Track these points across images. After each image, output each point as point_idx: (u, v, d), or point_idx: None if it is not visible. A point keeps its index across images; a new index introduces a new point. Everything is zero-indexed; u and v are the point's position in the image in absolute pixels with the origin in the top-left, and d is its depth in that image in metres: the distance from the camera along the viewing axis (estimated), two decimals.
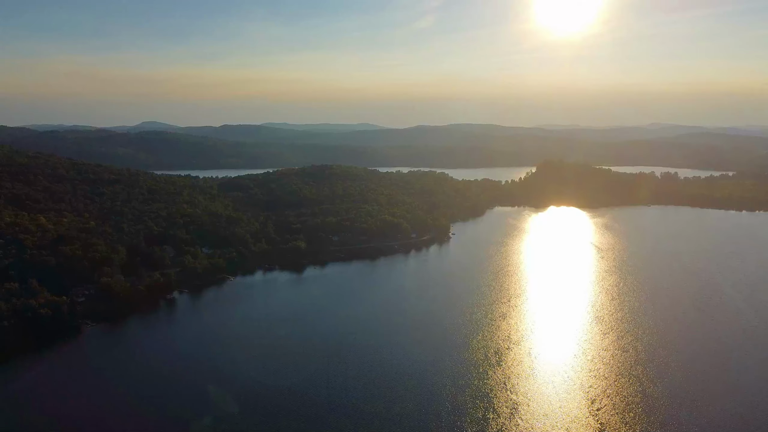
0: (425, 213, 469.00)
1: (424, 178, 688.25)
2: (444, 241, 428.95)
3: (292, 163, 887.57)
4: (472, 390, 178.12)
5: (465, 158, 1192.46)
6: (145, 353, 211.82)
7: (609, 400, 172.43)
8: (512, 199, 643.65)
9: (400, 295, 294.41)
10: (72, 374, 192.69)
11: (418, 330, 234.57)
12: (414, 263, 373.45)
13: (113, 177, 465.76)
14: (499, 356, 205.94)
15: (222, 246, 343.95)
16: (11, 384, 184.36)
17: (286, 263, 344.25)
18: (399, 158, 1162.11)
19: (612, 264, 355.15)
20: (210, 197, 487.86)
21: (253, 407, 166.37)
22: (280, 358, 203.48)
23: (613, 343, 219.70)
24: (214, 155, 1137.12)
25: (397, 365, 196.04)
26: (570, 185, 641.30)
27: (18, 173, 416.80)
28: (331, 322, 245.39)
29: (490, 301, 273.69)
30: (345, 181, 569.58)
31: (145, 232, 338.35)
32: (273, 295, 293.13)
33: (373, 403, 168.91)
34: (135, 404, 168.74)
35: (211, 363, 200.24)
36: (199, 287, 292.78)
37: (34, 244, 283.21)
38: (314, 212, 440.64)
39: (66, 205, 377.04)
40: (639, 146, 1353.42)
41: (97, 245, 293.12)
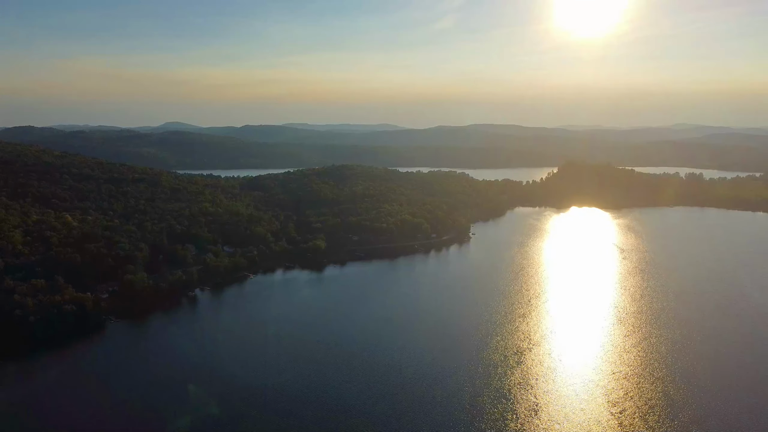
0: (445, 213, 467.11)
1: (444, 178, 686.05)
2: (464, 241, 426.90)
3: (313, 163, 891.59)
4: (491, 390, 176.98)
5: (486, 159, 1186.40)
6: (164, 350, 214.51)
7: (631, 403, 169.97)
8: (533, 199, 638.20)
9: (420, 294, 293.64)
10: (95, 368, 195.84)
11: (437, 330, 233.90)
12: (434, 263, 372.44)
13: (137, 176, 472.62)
14: (518, 357, 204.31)
15: (243, 245, 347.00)
16: (37, 377, 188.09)
17: (306, 262, 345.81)
18: (419, 158, 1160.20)
19: (635, 265, 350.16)
20: (231, 196, 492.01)
21: (269, 408, 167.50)
22: (299, 357, 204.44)
23: (636, 345, 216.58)
24: (235, 155, 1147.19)
25: (415, 365, 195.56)
26: (592, 186, 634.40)
27: (45, 172, 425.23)
28: (349, 321, 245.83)
29: (510, 302, 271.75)
30: (365, 181, 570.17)
31: (168, 231, 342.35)
32: (293, 294, 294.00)
33: (391, 403, 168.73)
34: (151, 397, 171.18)
35: (225, 362, 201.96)
36: (220, 285, 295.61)
37: (60, 241, 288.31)
38: (334, 212, 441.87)
39: (91, 204, 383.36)
40: (663, 147, 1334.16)
41: (121, 243, 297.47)
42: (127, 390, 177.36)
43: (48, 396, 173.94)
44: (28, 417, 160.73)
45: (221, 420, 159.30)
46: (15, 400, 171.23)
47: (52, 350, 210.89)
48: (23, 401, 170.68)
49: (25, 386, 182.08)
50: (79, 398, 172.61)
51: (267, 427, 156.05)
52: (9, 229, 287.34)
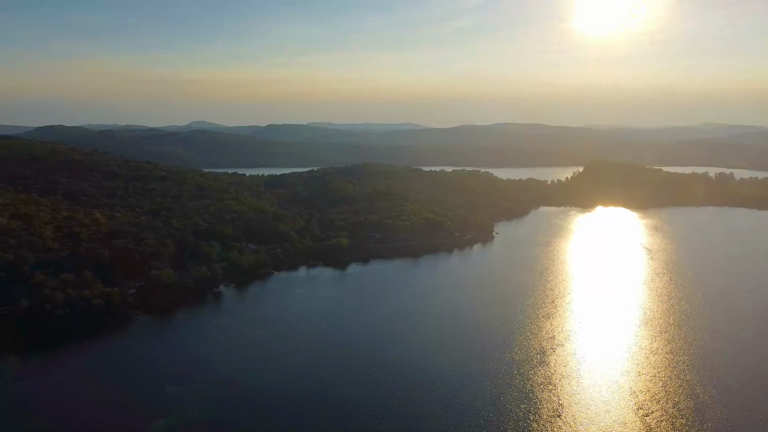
0: (468, 212, 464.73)
1: (467, 177, 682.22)
2: (487, 240, 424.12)
3: (336, 161, 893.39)
4: (514, 390, 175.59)
5: (509, 158, 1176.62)
6: (185, 345, 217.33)
7: (658, 406, 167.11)
8: (558, 199, 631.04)
9: (442, 293, 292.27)
10: (120, 361, 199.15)
11: (459, 329, 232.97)
12: (456, 262, 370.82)
13: (163, 174, 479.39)
14: (542, 357, 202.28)
15: (267, 242, 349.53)
16: (64, 369, 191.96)
17: (329, 260, 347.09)
18: (442, 157, 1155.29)
19: (662, 266, 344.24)
20: (256, 194, 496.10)
21: (283, 407, 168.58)
22: (317, 356, 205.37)
23: (663, 347, 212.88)
24: (260, 154, 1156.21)
25: (437, 364, 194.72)
26: (618, 185, 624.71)
27: (74, 170, 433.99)
28: (371, 319, 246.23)
29: (534, 301, 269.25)
30: (387, 179, 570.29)
31: (193, 228, 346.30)
32: (315, 292, 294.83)
33: (412, 402, 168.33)
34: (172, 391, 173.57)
35: (246, 358, 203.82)
36: (244, 282, 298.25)
37: (88, 237, 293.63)
38: (357, 210, 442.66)
39: (118, 201, 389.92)
40: (691, 146, 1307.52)
41: (148, 239, 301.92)
42: (145, 384, 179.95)
43: (72, 387, 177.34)
44: (51, 407, 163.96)
45: (223, 420, 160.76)
46: (42, 391, 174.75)
47: (80, 343, 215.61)
48: (49, 392, 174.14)
49: (52, 377, 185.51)
50: (101, 391, 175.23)
51: (277, 428, 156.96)
52: (40, 225, 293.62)
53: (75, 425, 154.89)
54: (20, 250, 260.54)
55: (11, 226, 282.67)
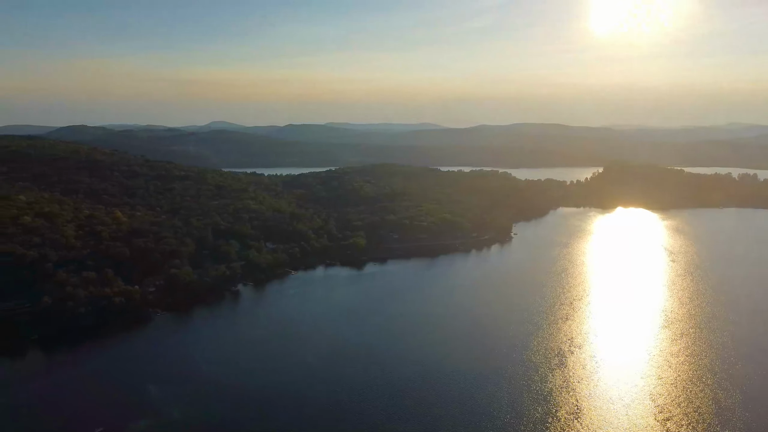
0: (486, 212, 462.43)
1: (485, 177, 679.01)
2: (505, 240, 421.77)
3: (354, 161, 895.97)
4: (532, 392, 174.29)
5: (528, 158, 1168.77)
6: (204, 343, 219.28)
7: (679, 409, 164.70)
8: (577, 199, 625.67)
9: (459, 293, 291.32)
10: (140, 358, 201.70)
11: (476, 330, 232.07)
12: (474, 262, 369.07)
13: (183, 174, 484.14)
14: (560, 359, 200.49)
15: (285, 241, 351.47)
16: (87, 364, 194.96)
17: (347, 259, 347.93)
18: (460, 158, 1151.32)
19: (683, 268, 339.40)
20: (274, 194, 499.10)
21: (297, 405, 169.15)
22: (334, 355, 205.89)
23: (684, 350, 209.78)
24: (278, 153, 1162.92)
25: (454, 365, 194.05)
26: (639, 186, 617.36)
27: (96, 169, 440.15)
28: (387, 319, 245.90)
29: (553, 303, 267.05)
30: (405, 179, 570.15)
31: (212, 227, 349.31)
32: (332, 291, 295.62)
33: (427, 403, 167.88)
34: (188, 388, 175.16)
35: (259, 358, 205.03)
36: (262, 281, 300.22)
37: (109, 236, 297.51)
38: (374, 210, 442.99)
39: (139, 200, 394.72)
40: (714, 146, 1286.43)
41: (167, 238, 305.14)
42: (166, 378, 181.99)
43: (93, 382, 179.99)
44: (79, 399, 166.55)
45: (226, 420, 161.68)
46: (65, 385, 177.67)
47: (101, 340, 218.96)
48: (71, 387, 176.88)
49: (74, 372, 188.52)
50: (122, 385, 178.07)
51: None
52: (62, 224, 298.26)
53: (75, 424, 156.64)
54: (43, 248, 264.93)
55: (35, 225, 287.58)
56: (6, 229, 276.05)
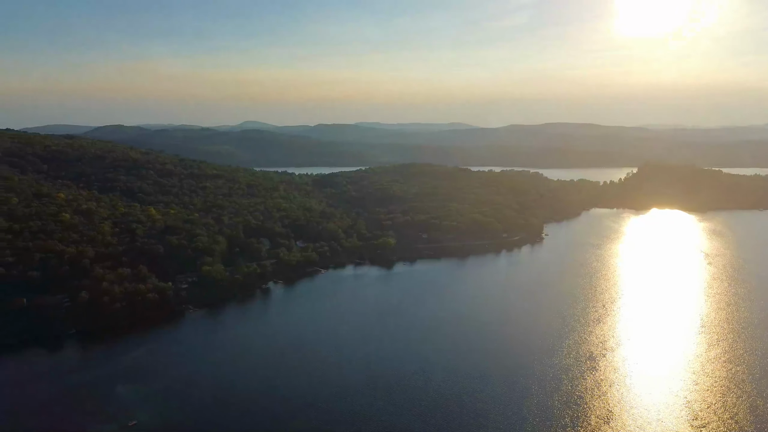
0: (517, 213, 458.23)
1: (516, 177, 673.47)
2: (536, 241, 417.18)
3: (383, 161, 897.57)
4: (562, 395, 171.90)
5: (560, 158, 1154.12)
6: (234, 340, 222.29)
7: (714, 416, 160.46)
8: (611, 200, 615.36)
9: (489, 295, 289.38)
10: (172, 353, 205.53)
11: (505, 331, 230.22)
12: (504, 263, 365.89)
13: (215, 172, 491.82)
14: (591, 362, 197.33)
15: (315, 240, 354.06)
16: (122, 358, 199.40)
17: (376, 258, 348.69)
18: (491, 158, 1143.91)
19: (721, 271, 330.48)
20: (305, 193, 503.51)
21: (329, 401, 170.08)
22: (363, 354, 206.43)
23: (721, 355, 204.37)
24: (309, 153, 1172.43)
25: (483, 366, 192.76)
26: (675, 187, 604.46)
27: (132, 168, 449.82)
28: (417, 319, 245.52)
29: (585, 305, 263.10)
30: (435, 179, 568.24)
31: (244, 225, 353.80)
32: (362, 291, 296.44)
33: (457, 404, 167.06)
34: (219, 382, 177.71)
35: (286, 358, 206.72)
36: (292, 279, 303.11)
37: (144, 233, 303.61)
38: (404, 209, 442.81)
39: (173, 198, 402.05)
40: (754, 147, 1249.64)
41: (200, 236, 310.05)
42: (195, 373, 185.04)
43: (133, 374, 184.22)
44: (114, 393, 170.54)
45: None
46: (101, 379, 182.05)
47: (135, 335, 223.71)
48: (109, 379, 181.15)
49: (112, 366, 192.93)
50: (157, 379, 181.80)
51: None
52: (99, 221, 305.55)
53: (107, 418, 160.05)
54: (81, 244, 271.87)
55: (73, 222, 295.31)
56: (46, 226, 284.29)
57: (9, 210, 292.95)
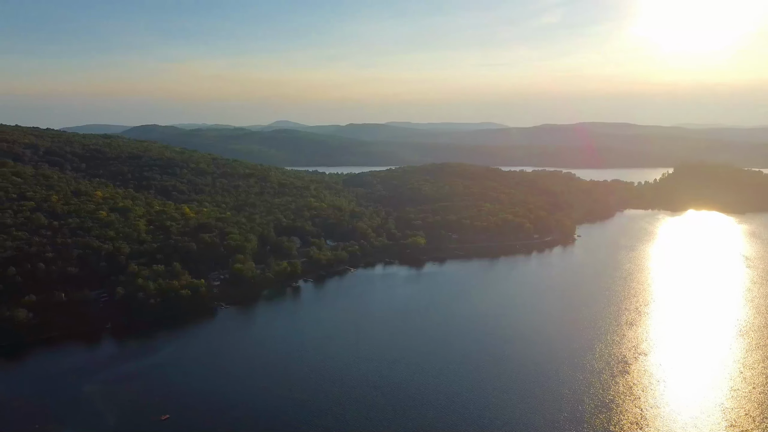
0: (548, 213, 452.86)
1: (548, 177, 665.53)
2: (568, 243, 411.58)
3: (414, 161, 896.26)
4: (593, 399, 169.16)
5: (594, 158, 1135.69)
6: (265, 337, 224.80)
7: (753, 425, 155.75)
8: (645, 201, 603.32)
9: (519, 296, 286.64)
10: (204, 349, 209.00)
11: (536, 333, 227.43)
12: (535, 264, 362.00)
13: (248, 172, 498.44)
14: (624, 366, 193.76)
15: (345, 239, 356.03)
16: (155, 354, 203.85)
17: (406, 258, 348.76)
18: (522, 157, 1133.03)
19: (760, 274, 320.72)
20: (335, 192, 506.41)
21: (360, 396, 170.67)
22: (394, 355, 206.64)
23: (760, 361, 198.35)
24: (339, 152, 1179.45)
25: (512, 368, 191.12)
26: (712, 188, 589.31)
27: (166, 167, 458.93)
28: (446, 319, 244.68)
29: (617, 308, 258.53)
30: (465, 179, 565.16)
31: (275, 223, 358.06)
32: (392, 290, 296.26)
33: (480, 405, 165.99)
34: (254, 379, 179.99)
35: (311, 354, 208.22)
36: (322, 277, 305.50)
37: (178, 230, 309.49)
38: (434, 209, 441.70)
39: (206, 196, 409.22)
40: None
41: (232, 234, 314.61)
42: (228, 371, 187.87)
43: (167, 369, 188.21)
44: (148, 387, 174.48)
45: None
46: (136, 373, 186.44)
47: (169, 330, 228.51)
48: (144, 373, 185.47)
49: (143, 363, 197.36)
50: (192, 373, 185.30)
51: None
52: (135, 218, 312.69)
53: (140, 412, 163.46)
54: (118, 241, 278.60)
55: (110, 219, 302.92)
56: (84, 223, 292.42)
57: (49, 207, 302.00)
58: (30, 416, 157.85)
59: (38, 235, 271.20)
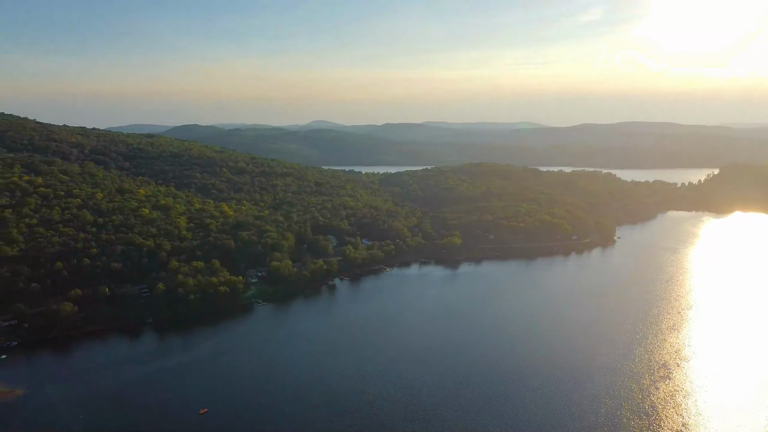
0: (588, 215, 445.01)
1: (588, 178, 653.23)
2: (608, 244, 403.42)
3: (450, 160, 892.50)
4: (631, 404, 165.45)
5: (635, 158, 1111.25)
6: (301, 334, 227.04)
7: None
8: (689, 203, 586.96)
9: (557, 297, 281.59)
10: (242, 345, 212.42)
11: (574, 335, 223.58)
12: (574, 266, 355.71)
13: (285, 171, 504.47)
14: (665, 370, 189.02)
15: (380, 238, 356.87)
16: (195, 349, 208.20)
17: (441, 258, 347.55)
18: (560, 157, 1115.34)
19: None
20: (371, 191, 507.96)
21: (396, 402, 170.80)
22: (429, 359, 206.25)
23: None
24: (375, 152, 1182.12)
25: (548, 370, 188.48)
26: (760, 190, 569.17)
27: (206, 165, 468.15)
28: (483, 319, 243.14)
29: (658, 312, 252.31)
30: (502, 179, 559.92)
31: (312, 222, 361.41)
32: (427, 290, 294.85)
33: (513, 405, 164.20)
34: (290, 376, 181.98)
35: (343, 355, 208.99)
36: (358, 276, 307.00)
37: (217, 228, 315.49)
38: (470, 209, 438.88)
39: (244, 195, 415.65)
40: None
41: (270, 232, 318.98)
42: (265, 367, 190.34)
43: (205, 364, 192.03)
44: (187, 381, 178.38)
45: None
46: (176, 366, 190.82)
47: (207, 325, 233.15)
48: (183, 367, 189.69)
49: (182, 357, 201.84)
50: (230, 368, 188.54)
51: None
52: (176, 216, 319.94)
53: (179, 406, 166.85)
54: (159, 238, 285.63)
55: (152, 217, 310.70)
56: (127, 219, 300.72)
57: (94, 204, 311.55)
58: (75, 407, 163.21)
59: (84, 231, 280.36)
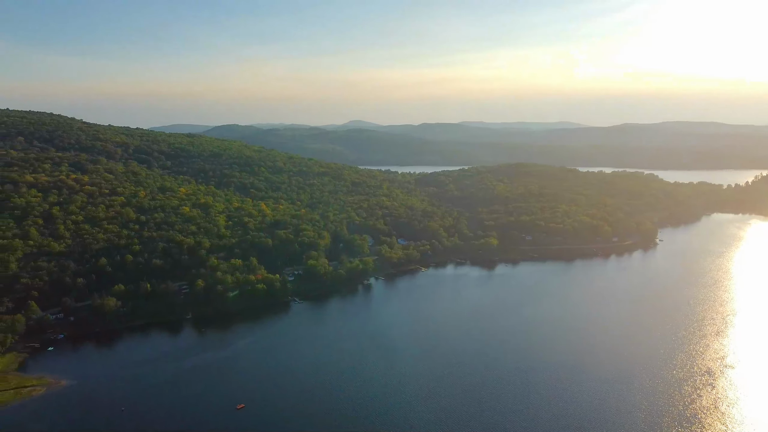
0: (628, 216, 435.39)
1: (628, 179, 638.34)
2: (649, 247, 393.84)
3: (487, 161, 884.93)
4: (673, 412, 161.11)
5: (678, 159, 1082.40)
6: (340, 331, 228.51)
7: None
8: (735, 205, 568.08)
9: (597, 301, 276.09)
10: (279, 342, 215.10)
11: (614, 340, 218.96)
12: (614, 269, 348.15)
13: (322, 170, 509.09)
14: (708, 377, 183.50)
15: (416, 238, 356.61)
16: (233, 345, 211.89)
17: (477, 259, 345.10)
18: (600, 158, 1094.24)
19: None
20: (407, 191, 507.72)
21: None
22: (460, 362, 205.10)
23: None
24: (412, 152, 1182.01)
25: (586, 375, 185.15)
26: None
27: (245, 165, 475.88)
28: (519, 322, 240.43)
29: (702, 317, 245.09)
30: (540, 179, 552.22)
31: (348, 221, 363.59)
32: (462, 291, 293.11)
33: (551, 408, 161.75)
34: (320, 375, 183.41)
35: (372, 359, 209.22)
36: (393, 276, 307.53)
37: (255, 226, 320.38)
38: (507, 210, 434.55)
39: (282, 194, 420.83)
40: None
41: (307, 231, 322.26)
42: (301, 362, 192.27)
43: (243, 360, 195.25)
44: (224, 377, 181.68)
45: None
46: (214, 362, 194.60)
47: (245, 322, 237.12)
48: (221, 363, 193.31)
49: (224, 351, 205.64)
50: (265, 365, 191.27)
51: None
52: (215, 214, 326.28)
53: (217, 400, 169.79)
54: (199, 235, 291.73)
55: (192, 215, 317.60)
56: (168, 217, 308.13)
57: (137, 202, 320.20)
58: (117, 399, 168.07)
59: (127, 228, 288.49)
